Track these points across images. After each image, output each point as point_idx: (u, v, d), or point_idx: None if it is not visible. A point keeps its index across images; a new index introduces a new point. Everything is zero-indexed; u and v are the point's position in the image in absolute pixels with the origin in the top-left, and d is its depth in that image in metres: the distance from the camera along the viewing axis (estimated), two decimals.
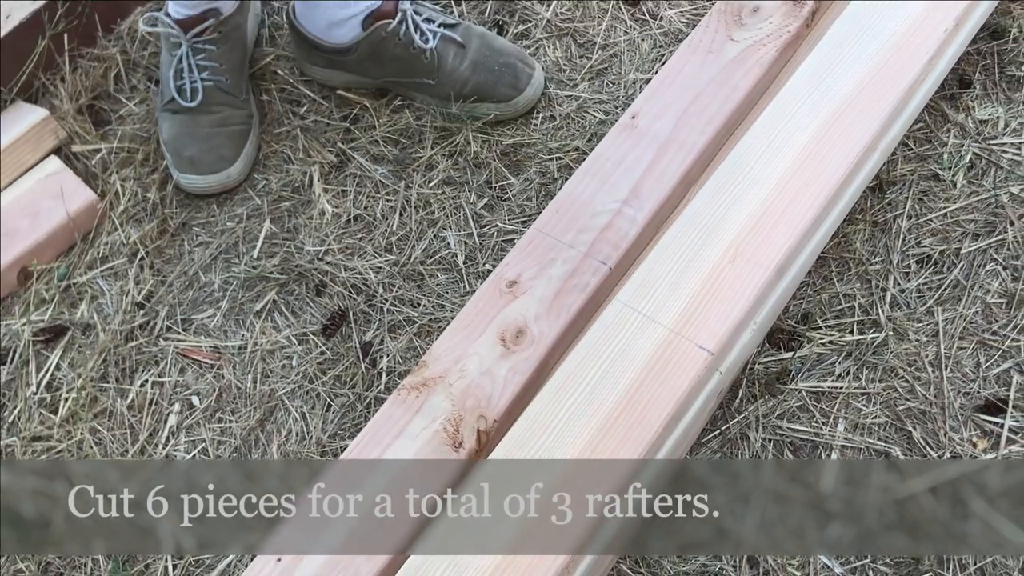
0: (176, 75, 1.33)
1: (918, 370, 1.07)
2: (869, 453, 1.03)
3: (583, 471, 0.88)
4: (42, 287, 1.27)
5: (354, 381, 1.14)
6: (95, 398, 1.17)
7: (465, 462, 0.94)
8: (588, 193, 1.08)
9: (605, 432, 0.89)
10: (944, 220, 1.16)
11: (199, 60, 1.34)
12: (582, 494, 0.86)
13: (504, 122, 1.31)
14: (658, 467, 0.95)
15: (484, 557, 0.84)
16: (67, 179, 1.31)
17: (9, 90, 1.38)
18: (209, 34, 1.33)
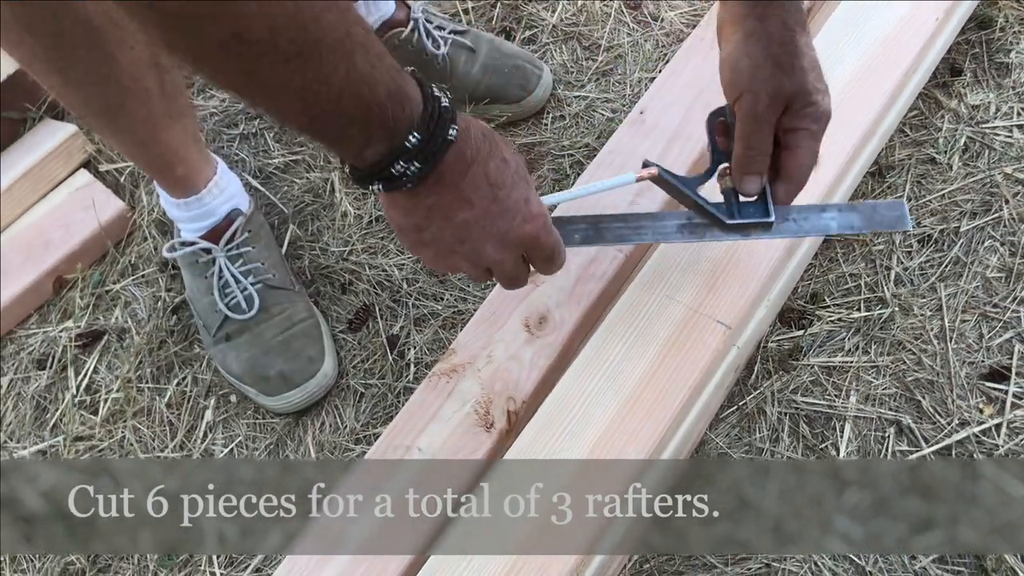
0: (221, 293, 1.20)
1: (924, 343, 1.11)
2: (881, 422, 1.07)
3: (604, 452, 0.92)
4: (77, 295, 1.31)
5: (383, 372, 1.19)
6: (134, 398, 1.21)
7: (497, 441, 0.99)
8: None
9: (631, 406, 0.94)
10: (942, 201, 1.21)
11: (239, 267, 1.21)
12: (602, 483, 0.91)
13: (516, 123, 1.36)
14: (681, 441, 1.00)
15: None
16: (97, 191, 1.36)
17: (37, 108, 1.43)
18: (240, 235, 1.22)
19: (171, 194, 1.19)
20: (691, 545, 1.02)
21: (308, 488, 1.06)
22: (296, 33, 0.60)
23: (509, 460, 0.93)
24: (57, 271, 1.32)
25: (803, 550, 1.00)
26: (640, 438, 0.93)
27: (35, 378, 1.26)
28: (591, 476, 0.91)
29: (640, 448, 0.92)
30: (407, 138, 0.69)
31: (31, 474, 1.18)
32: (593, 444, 0.93)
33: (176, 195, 1.19)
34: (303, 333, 1.19)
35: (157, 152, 1.13)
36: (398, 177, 0.71)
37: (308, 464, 1.14)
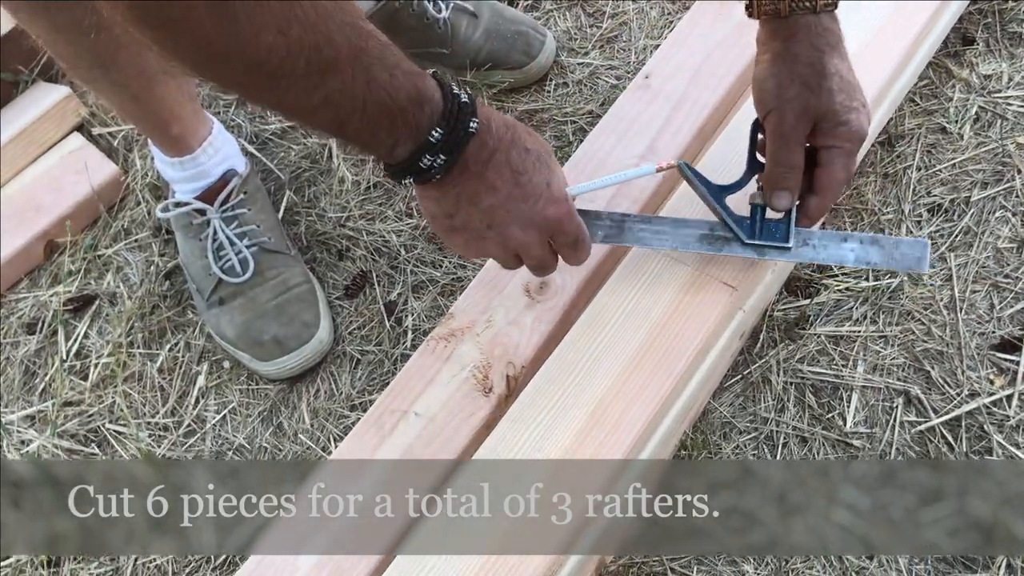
0: (216, 256, 1.17)
1: (934, 313, 1.09)
2: (889, 392, 1.05)
3: (605, 415, 0.90)
4: (68, 259, 1.29)
5: (380, 339, 1.16)
6: (125, 363, 1.19)
7: (495, 406, 0.96)
8: (606, 149, 1.10)
9: (635, 367, 0.92)
10: (953, 170, 1.19)
11: (234, 229, 1.18)
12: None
13: (518, 89, 1.34)
14: (684, 407, 0.97)
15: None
16: (90, 154, 1.34)
17: (30, 71, 1.41)
18: (236, 196, 1.19)
19: (165, 153, 1.17)
20: (694, 518, 0.99)
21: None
22: (312, 55, 0.65)
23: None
24: (48, 235, 1.29)
25: (809, 521, 0.98)
26: (644, 399, 0.90)
27: (24, 343, 1.23)
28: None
29: (643, 411, 0.90)
30: (430, 134, 0.74)
31: (19, 439, 1.15)
32: (594, 406, 0.90)
33: (170, 154, 1.16)
34: (298, 298, 1.16)
35: (151, 108, 1.11)
36: (426, 170, 0.77)
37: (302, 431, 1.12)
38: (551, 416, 0.90)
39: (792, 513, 0.98)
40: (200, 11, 0.60)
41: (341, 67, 0.68)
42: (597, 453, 0.88)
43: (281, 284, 1.17)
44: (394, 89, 0.71)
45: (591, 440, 0.89)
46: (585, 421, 0.90)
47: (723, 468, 1.02)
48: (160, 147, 1.17)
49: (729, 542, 0.98)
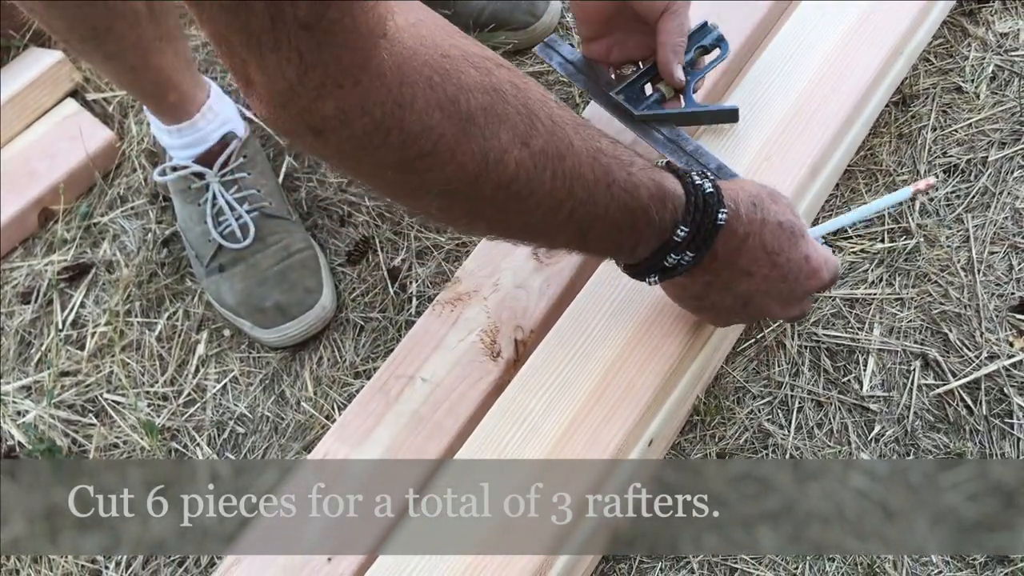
0: (215, 221, 1.14)
1: (951, 275, 1.06)
2: (906, 355, 1.02)
3: (616, 377, 0.88)
4: (63, 227, 1.26)
5: (384, 305, 1.14)
6: (122, 332, 1.16)
7: (504, 371, 0.94)
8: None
9: (646, 330, 0.89)
10: (969, 130, 1.16)
11: (234, 194, 1.15)
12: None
13: (523, 51, 1.31)
14: (697, 371, 0.95)
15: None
16: (85, 120, 1.31)
17: (22, 36, 1.37)
18: (235, 160, 1.16)
19: (163, 120, 1.13)
20: (707, 482, 0.97)
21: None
22: (556, 164, 0.62)
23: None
24: (42, 203, 1.26)
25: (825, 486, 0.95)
26: (656, 362, 0.88)
27: (19, 312, 1.20)
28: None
29: (655, 373, 0.87)
30: (675, 233, 0.70)
31: (16, 410, 1.13)
32: (606, 368, 0.88)
33: (168, 121, 1.13)
34: (301, 264, 1.13)
35: (149, 78, 1.07)
36: (672, 268, 0.73)
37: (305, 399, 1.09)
38: (562, 377, 0.88)
39: (808, 479, 0.96)
40: (448, 140, 0.56)
41: (584, 172, 0.64)
42: (608, 418, 0.86)
43: (283, 250, 1.14)
44: (634, 187, 0.67)
45: (603, 403, 0.86)
46: (597, 383, 0.88)
47: (737, 434, 1.00)
48: (157, 115, 1.13)
49: (743, 508, 0.95)
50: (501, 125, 0.58)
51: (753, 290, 0.77)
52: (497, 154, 0.58)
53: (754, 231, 0.74)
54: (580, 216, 0.66)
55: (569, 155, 0.63)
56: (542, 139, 0.60)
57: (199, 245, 1.15)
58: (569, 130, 0.63)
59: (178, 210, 1.18)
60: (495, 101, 0.58)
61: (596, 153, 0.65)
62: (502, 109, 0.58)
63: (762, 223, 0.75)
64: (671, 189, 0.70)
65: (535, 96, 0.62)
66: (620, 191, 0.66)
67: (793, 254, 0.77)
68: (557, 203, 0.64)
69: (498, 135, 0.58)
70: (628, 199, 0.67)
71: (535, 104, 0.61)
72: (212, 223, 1.14)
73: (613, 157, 0.66)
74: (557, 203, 0.64)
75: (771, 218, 0.75)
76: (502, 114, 0.58)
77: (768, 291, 0.77)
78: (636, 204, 0.68)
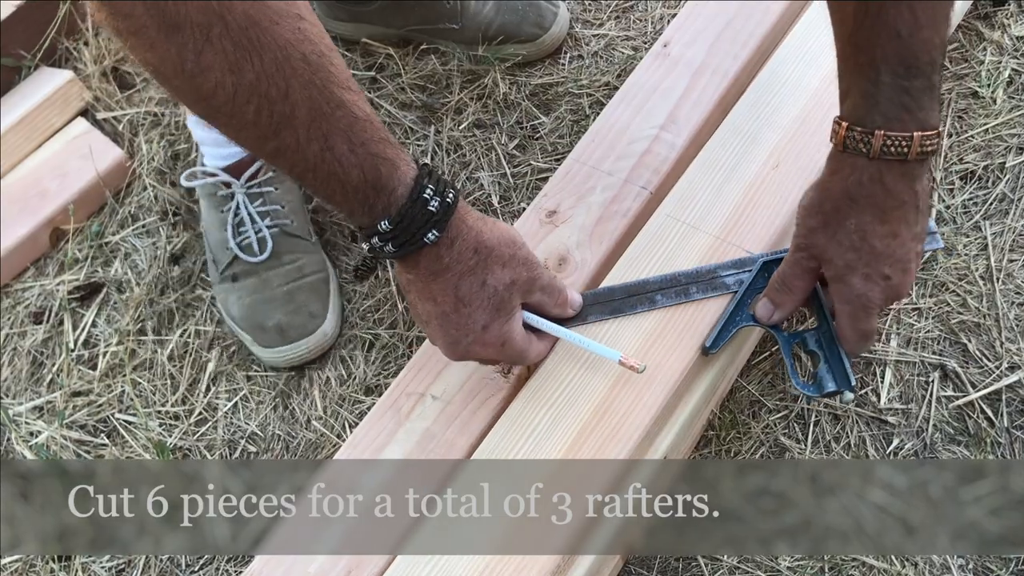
0: (235, 231, 1.15)
1: (969, 283, 1.04)
2: (924, 367, 1.01)
3: (623, 389, 0.86)
4: (75, 247, 1.26)
5: (393, 322, 1.13)
6: (133, 351, 1.16)
7: (514, 387, 0.93)
8: (624, 120, 1.06)
9: (656, 337, 0.88)
10: (986, 136, 1.14)
11: (258, 207, 1.15)
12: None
13: (532, 63, 1.30)
14: (711, 385, 0.93)
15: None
16: (95, 139, 1.31)
17: (33, 56, 1.38)
18: (264, 174, 1.17)
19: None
20: (722, 496, 0.95)
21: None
22: (262, 104, 0.65)
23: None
24: (54, 222, 1.26)
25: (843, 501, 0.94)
26: (665, 372, 0.87)
27: (31, 332, 1.20)
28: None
29: (665, 383, 0.86)
30: (379, 224, 0.73)
31: (28, 431, 1.12)
32: (614, 380, 0.87)
33: None
34: (310, 287, 1.13)
35: None
36: (376, 250, 0.75)
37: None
38: (570, 391, 0.87)
39: (826, 493, 0.94)
40: (149, 33, 0.61)
41: (296, 125, 0.67)
42: (612, 436, 0.85)
43: (296, 270, 1.14)
44: (349, 165, 0.70)
45: (604, 424, 0.85)
46: (602, 399, 0.86)
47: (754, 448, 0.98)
48: None
49: (761, 524, 0.94)
50: (207, 45, 0.62)
51: (433, 315, 0.79)
52: (194, 66, 0.62)
53: (459, 271, 0.77)
54: (287, 160, 0.69)
55: (284, 103, 0.65)
56: (254, 75, 0.63)
57: (217, 250, 1.16)
58: (296, 83, 0.65)
59: (203, 211, 1.20)
60: (214, 24, 0.61)
61: (319, 116, 0.67)
62: (218, 33, 0.61)
63: (471, 270, 0.78)
64: (391, 186, 0.72)
65: (300, 44, 0.65)
66: (333, 161, 0.69)
67: (476, 314, 0.79)
68: (261, 138, 0.67)
69: (203, 51, 0.62)
70: (338, 171, 0.70)
71: (290, 49, 0.64)
72: (232, 232, 1.14)
73: (341, 129, 0.69)
74: (261, 138, 0.67)
75: (481, 274, 0.78)
76: (215, 37, 0.61)
77: (442, 326, 0.80)
78: (345, 180, 0.70)
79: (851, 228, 0.78)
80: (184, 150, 1.31)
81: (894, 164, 0.75)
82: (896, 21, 0.72)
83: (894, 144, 0.74)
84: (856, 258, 0.79)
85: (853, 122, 0.76)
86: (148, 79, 1.39)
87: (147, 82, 1.39)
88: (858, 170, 0.76)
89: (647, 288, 0.90)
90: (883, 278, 0.80)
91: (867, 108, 0.75)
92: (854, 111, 0.76)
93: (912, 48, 0.72)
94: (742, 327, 0.88)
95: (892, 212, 0.78)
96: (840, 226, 0.79)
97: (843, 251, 0.79)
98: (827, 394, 0.85)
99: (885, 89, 0.74)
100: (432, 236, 0.74)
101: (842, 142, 0.76)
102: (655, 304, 0.89)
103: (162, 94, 1.37)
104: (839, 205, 0.79)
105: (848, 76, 0.77)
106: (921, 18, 0.71)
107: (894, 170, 0.76)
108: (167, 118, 1.35)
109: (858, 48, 0.74)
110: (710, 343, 0.87)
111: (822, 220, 0.80)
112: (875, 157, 0.75)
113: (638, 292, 0.90)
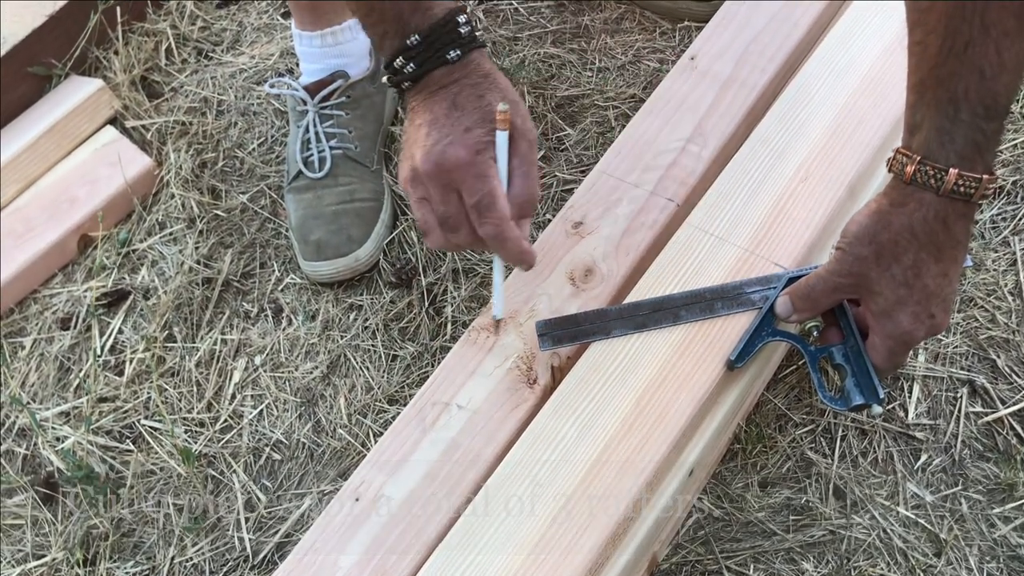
0: (303, 146, 1.22)
1: (998, 299, 1.04)
2: (952, 382, 1.00)
3: (651, 401, 0.86)
4: (102, 254, 1.27)
5: (419, 331, 1.13)
6: (160, 358, 1.17)
7: (540, 398, 0.93)
8: (651, 133, 1.06)
9: (682, 352, 0.88)
10: (1015, 151, 1.14)
11: (327, 127, 1.22)
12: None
13: (557, 75, 1.30)
14: (739, 398, 0.93)
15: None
16: (124, 147, 1.32)
17: (63, 65, 1.39)
18: (336, 98, 1.22)
19: (308, 22, 1.21)
20: (747, 511, 0.95)
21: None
22: None
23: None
24: (82, 229, 1.27)
25: (870, 517, 0.93)
26: (692, 386, 0.86)
27: (59, 338, 1.21)
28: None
29: (691, 397, 0.86)
30: (410, 38, 0.79)
31: (55, 435, 1.13)
32: (641, 392, 0.87)
33: (313, 25, 1.21)
34: (356, 212, 1.19)
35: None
36: (399, 71, 0.80)
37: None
38: (597, 403, 0.87)
39: (854, 508, 0.94)
40: None
41: None
42: (642, 444, 0.84)
43: (347, 193, 1.20)
44: None
45: (636, 430, 0.85)
46: (630, 410, 0.86)
47: (779, 462, 0.98)
48: (305, 13, 1.21)
49: (787, 538, 0.93)
50: None
51: (419, 129, 0.81)
52: None
53: (461, 84, 0.81)
54: None
55: None
56: None
57: (290, 161, 1.24)
58: None
59: (289, 123, 1.28)
60: None
61: None
62: None
63: (473, 86, 0.81)
64: (431, 8, 0.79)
65: None
66: None
67: (464, 117, 0.81)
68: None
69: None
70: None
71: None
72: (300, 147, 1.22)
73: None
74: None
75: (483, 90, 0.81)
76: None
77: (427, 134, 0.81)
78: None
79: (907, 264, 0.78)
80: (211, 159, 1.32)
81: (958, 204, 0.75)
82: (982, 60, 0.71)
83: (965, 184, 0.74)
84: (908, 295, 0.79)
85: (925, 156, 0.75)
86: (176, 88, 1.40)
87: (175, 91, 1.41)
88: (924, 206, 0.76)
89: (672, 303, 0.90)
90: (929, 316, 0.80)
91: (940, 144, 0.74)
92: (926, 145, 0.75)
93: (993, 90, 0.72)
94: (768, 342, 0.88)
95: (947, 251, 0.78)
96: (896, 261, 0.78)
97: (895, 286, 0.79)
98: (855, 407, 0.85)
99: (962, 127, 0.73)
100: (454, 55, 0.79)
101: (911, 176, 0.76)
102: (680, 320, 0.89)
103: (191, 103, 1.38)
104: (898, 239, 0.78)
105: (923, 109, 0.75)
106: (1006, 60, 0.71)
107: (957, 210, 0.76)
108: (195, 127, 1.36)
109: (939, 83, 0.73)
110: (735, 357, 0.87)
111: (875, 251, 0.79)
112: (944, 195, 0.75)
113: (663, 307, 0.90)
